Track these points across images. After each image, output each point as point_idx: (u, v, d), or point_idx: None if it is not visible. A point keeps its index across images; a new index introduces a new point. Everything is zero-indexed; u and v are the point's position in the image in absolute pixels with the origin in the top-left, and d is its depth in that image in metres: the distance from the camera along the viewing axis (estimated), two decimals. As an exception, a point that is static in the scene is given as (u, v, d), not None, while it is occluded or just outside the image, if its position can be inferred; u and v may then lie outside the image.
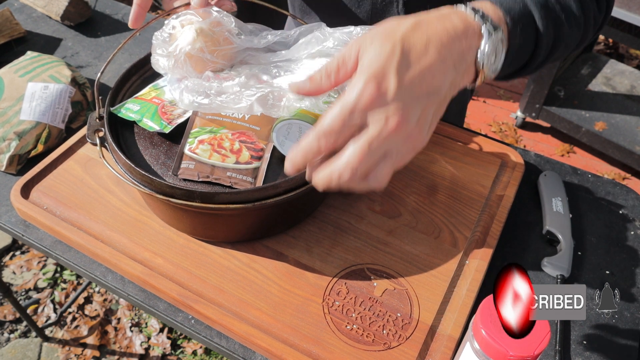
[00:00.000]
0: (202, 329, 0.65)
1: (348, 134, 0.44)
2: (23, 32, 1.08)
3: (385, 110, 0.43)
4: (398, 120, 0.43)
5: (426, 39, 0.45)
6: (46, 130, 0.84)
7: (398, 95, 0.43)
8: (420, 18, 0.47)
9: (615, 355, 0.65)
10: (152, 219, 0.72)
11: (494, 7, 0.51)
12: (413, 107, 0.44)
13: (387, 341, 0.62)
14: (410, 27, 0.46)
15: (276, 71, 0.67)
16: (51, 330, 1.60)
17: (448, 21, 0.47)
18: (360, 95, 0.42)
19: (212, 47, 0.66)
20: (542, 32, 0.54)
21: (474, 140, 0.85)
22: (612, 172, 2.13)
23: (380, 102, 0.43)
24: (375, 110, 0.43)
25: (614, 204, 0.81)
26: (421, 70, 0.44)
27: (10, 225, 0.75)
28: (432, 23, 0.47)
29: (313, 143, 0.44)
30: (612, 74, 2.26)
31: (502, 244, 0.74)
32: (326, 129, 0.43)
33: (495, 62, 0.50)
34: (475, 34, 0.48)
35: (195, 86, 0.64)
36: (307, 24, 0.70)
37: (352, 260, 0.69)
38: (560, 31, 0.56)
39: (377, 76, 0.43)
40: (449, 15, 0.48)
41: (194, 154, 0.65)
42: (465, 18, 0.48)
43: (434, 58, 0.45)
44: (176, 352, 1.57)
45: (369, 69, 0.43)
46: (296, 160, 0.46)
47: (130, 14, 0.67)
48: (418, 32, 0.45)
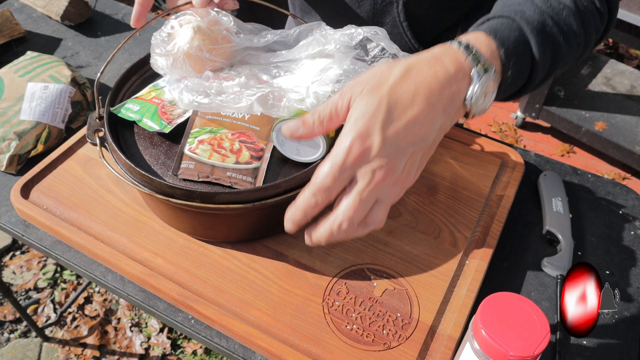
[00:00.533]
0: (202, 329, 0.65)
1: (340, 187, 0.46)
2: (23, 32, 1.08)
3: (372, 165, 0.46)
4: (384, 173, 0.46)
5: (414, 89, 0.47)
6: (46, 130, 0.84)
7: (382, 151, 0.46)
8: (410, 63, 0.48)
9: (615, 355, 0.65)
10: (152, 219, 0.72)
11: (489, 40, 0.51)
12: (399, 159, 0.47)
13: (387, 341, 0.62)
14: (400, 76, 0.47)
15: (276, 71, 0.67)
16: (51, 330, 1.60)
17: (439, 65, 0.48)
18: (348, 153, 0.45)
19: (211, 46, 0.66)
20: (538, 59, 0.54)
21: (474, 140, 0.85)
22: (612, 172, 2.13)
23: (366, 159, 0.46)
24: (362, 166, 0.46)
25: (614, 204, 0.81)
26: (407, 122, 0.46)
27: (10, 225, 0.75)
28: (422, 69, 0.47)
29: (310, 199, 0.47)
30: (612, 74, 2.26)
31: (502, 244, 0.74)
32: (319, 186, 0.46)
33: (484, 102, 0.51)
34: (466, 76, 0.49)
35: (195, 86, 0.64)
36: (307, 23, 0.70)
37: (352, 260, 0.69)
38: (558, 53, 0.56)
39: (362, 135, 0.45)
40: (440, 58, 0.49)
41: (194, 154, 0.65)
42: (457, 59, 0.49)
43: (421, 108, 0.47)
44: (176, 352, 1.57)
45: (355, 127, 0.45)
46: (296, 218, 0.48)
47: (133, 13, 0.68)
48: (406, 82, 0.47)
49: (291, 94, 0.62)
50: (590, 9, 0.58)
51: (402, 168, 0.48)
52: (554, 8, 0.55)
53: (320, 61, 0.66)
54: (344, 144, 0.45)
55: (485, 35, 0.52)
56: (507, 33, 0.52)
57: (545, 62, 0.55)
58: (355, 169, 0.46)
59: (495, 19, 0.55)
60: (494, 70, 0.50)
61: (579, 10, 0.57)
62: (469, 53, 0.49)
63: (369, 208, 0.48)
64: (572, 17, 0.56)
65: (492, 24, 0.54)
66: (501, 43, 0.51)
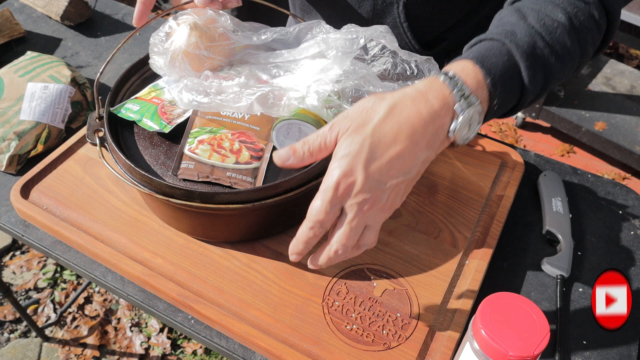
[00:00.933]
0: (202, 329, 0.65)
1: (333, 219, 0.51)
2: (23, 32, 1.08)
3: (357, 199, 0.50)
4: (369, 205, 0.50)
5: (397, 128, 0.49)
6: (46, 130, 0.84)
7: (365, 187, 0.49)
8: (395, 100, 0.50)
9: (615, 355, 0.65)
10: (152, 219, 0.72)
11: (475, 70, 0.52)
12: (382, 192, 0.50)
13: (387, 341, 0.62)
14: (384, 115, 0.49)
15: (276, 71, 0.67)
16: (51, 330, 1.60)
17: (423, 102, 0.50)
18: (335, 190, 0.49)
19: (208, 43, 0.66)
20: (528, 83, 0.55)
21: (474, 140, 0.85)
22: (612, 172, 2.13)
23: (351, 194, 0.49)
24: (348, 200, 0.50)
25: (614, 204, 0.81)
26: (389, 160, 0.49)
27: (10, 225, 0.75)
28: (406, 107, 0.50)
29: (308, 233, 0.51)
30: (612, 74, 2.26)
31: (502, 244, 0.74)
32: (314, 220, 0.50)
33: (468, 132, 0.53)
34: (450, 110, 0.51)
35: (195, 85, 0.64)
36: (306, 22, 0.70)
37: (351, 260, 0.69)
38: (550, 73, 0.57)
39: (347, 173, 0.49)
40: (425, 94, 0.50)
41: (194, 154, 0.65)
42: (442, 94, 0.50)
43: (404, 146, 0.49)
44: (176, 352, 1.57)
45: (340, 165, 0.49)
46: (299, 250, 0.53)
47: (135, 12, 0.68)
48: (390, 121, 0.49)
49: (291, 92, 0.62)
50: (587, 23, 0.58)
51: (387, 198, 0.51)
52: (547, 27, 0.55)
53: (320, 61, 0.66)
54: (331, 181, 0.49)
55: (472, 64, 0.53)
56: (496, 59, 0.53)
57: (536, 84, 0.56)
58: (344, 203, 0.50)
59: (486, 42, 0.56)
60: (478, 102, 0.51)
61: (573, 27, 0.56)
62: (453, 86, 0.51)
63: (360, 234, 0.52)
64: (567, 35, 0.56)
65: (481, 49, 0.55)
66: (488, 72, 0.52)
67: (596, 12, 0.58)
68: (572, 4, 0.57)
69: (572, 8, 0.57)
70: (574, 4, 0.57)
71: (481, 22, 0.80)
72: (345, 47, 0.63)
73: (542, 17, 0.56)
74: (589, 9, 0.57)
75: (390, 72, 0.67)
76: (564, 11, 0.56)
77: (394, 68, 0.67)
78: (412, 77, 0.66)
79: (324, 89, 0.61)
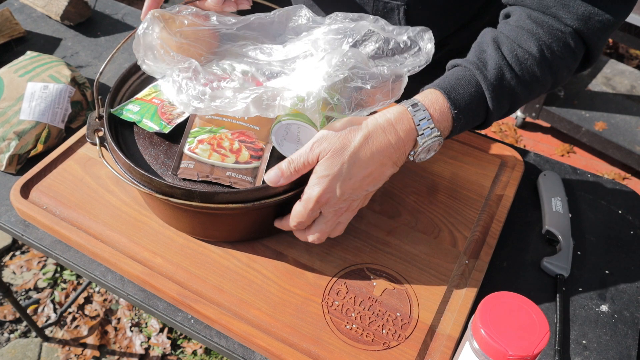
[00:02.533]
0: (202, 329, 0.65)
1: (312, 219, 0.63)
2: (23, 32, 1.08)
3: (334, 207, 0.62)
4: (344, 210, 0.63)
5: (370, 154, 0.59)
6: (46, 130, 0.84)
7: (341, 200, 0.61)
8: (369, 131, 0.59)
9: (615, 355, 0.65)
10: (152, 218, 0.72)
11: (442, 102, 0.60)
12: (355, 201, 0.63)
13: (387, 341, 0.62)
14: (359, 143, 0.59)
15: (268, 72, 0.68)
16: (51, 330, 1.60)
17: (392, 133, 0.59)
18: (316, 201, 0.60)
19: (177, 29, 0.67)
20: (492, 109, 0.62)
21: (474, 140, 0.85)
22: (612, 172, 2.13)
23: (330, 204, 0.61)
24: (326, 208, 0.62)
25: (614, 204, 0.81)
26: (362, 178, 0.60)
27: (10, 225, 0.75)
28: (378, 136, 0.59)
29: (291, 224, 0.64)
30: (612, 74, 2.26)
31: (501, 243, 0.74)
32: (297, 219, 0.63)
33: (426, 155, 0.63)
34: (413, 140, 0.60)
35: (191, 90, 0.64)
36: (286, 7, 0.70)
37: (351, 260, 0.69)
38: (515, 100, 0.63)
39: (327, 190, 0.59)
40: (394, 125, 0.60)
41: (194, 154, 0.65)
42: (408, 126, 0.60)
43: (375, 167, 0.60)
44: (176, 352, 1.57)
45: (321, 182, 0.59)
46: (282, 227, 0.67)
47: (145, 6, 0.69)
48: (364, 149, 0.59)
49: (284, 92, 0.62)
50: (562, 52, 0.62)
51: (357, 205, 0.64)
52: (518, 58, 0.61)
53: (310, 60, 0.66)
54: (313, 194, 0.60)
55: (441, 95, 0.61)
56: (463, 90, 0.61)
57: (501, 110, 0.63)
58: (322, 209, 0.62)
59: (459, 69, 0.63)
60: (439, 133, 0.60)
61: (544, 58, 0.61)
62: (419, 120, 0.60)
63: (333, 228, 0.65)
64: (536, 65, 0.61)
65: (452, 78, 0.62)
66: (454, 104, 0.60)
67: (572, 41, 0.62)
68: (549, 32, 0.61)
69: (547, 37, 0.61)
70: (551, 33, 0.61)
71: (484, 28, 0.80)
72: (334, 46, 0.64)
73: (515, 47, 0.61)
74: (564, 37, 0.61)
75: (384, 49, 0.68)
76: (537, 41, 0.61)
77: (386, 44, 0.67)
78: (407, 50, 0.67)
79: (316, 85, 0.61)
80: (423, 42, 0.66)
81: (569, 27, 0.61)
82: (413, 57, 0.66)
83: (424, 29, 0.67)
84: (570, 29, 0.61)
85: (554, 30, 0.61)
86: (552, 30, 0.61)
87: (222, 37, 0.72)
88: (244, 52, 0.70)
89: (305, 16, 0.70)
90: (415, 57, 0.66)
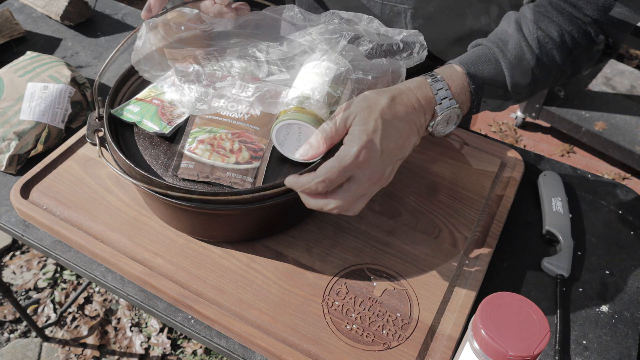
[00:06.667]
0: (202, 329, 0.65)
1: (339, 183, 0.56)
2: (23, 32, 1.08)
3: (370, 170, 0.56)
4: (377, 178, 0.57)
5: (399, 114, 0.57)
6: (46, 130, 0.84)
7: (381, 159, 0.56)
8: (394, 93, 0.58)
9: (615, 355, 0.65)
10: (152, 219, 0.72)
11: (462, 75, 0.60)
12: (389, 167, 0.58)
13: (387, 341, 0.62)
14: (388, 102, 0.57)
15: (268, 69, 0.68)
16: (51, 330, 1.60)
17: (413, 97, 0.58)
18: (355, 159, 0.54)
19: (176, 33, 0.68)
20: (511, 88, 0.62)
21: (474, 140, 0.85)
22: (612, 172, 2.13)
23: (368, 164, 0.55)
24: (363, 169, 0.55)
25: (614, 204, 0.81)
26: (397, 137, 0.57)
27: (10, 225, 0.75)
28: (402, 99, 0.58)
29: (312, 186, 0.56)
30: (612, 74, 2.26)
31: (501, 243, 0.74)
32: (324, 177, 0.55)
33: (446, 129, 0.62)
34: (431, 109, 0.59)
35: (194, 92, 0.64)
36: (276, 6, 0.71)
37: (351, 260, 0.69)
38: (534, 82, 0.63)
39: (367, 146, 0.55)
40: (414, 91, 0.59)
41: (194, 154, 0.65)
42: (428, 93, 0.59)
43: (406, 128, 0.58)
44: (176, 352, 1.57)
45: (360, 138, 0.55)
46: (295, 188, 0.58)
47: (146, 4, 0.69)
48: (393, 108, 0.57)
49: (289, 91, 0.62)
50: (581, 40, 0.62)
51: (388, 174, 0.58)
52: (539, 40, 0.61)
53: (310, 56, 0.66)
54: (352, 150, 0.54)
55: (461, 69, 0.61)
56: (482, 66, 0.61)
57: (519, 91, 0.63)
58: (355, 172, 0.55)
59: (480, 47, 0.63)
60: (457, 105, 0.60)
61: (564, 43, 0.62)
62: (437, 90, 0.59)
63: (357, 201, 0.58)
64: (556, 50, 0.62)
65: (473, 54, 0.62)
66: (472, 79, 0.60)
67: (592, 30, 0.62)
68: (570, 20, 0.62)
69: (567, 24, 0.62)
70: (571, 21, 0.62)
71: None
72: (331, 44, 0.65)
73: (536, 30, 0.62)
74: (584, 26, 0.62)
75: (377, 50, 0.68)
76: (558, 28, 0.62)
77: (379, 46, 0.68)
78: (400, 52, 0.68)
79: (318, 81, 0.62)
80: (415, 48, 0.67)
81: (588, 17, 0.62)
82: (405, 59, 0.67)
83: (417, 32, 0.68)
84: (589, 18, 0.62)
85: (573, 19, 0.62)
86: (572, 18, 0.62)
87: (218, 36, 0.72)
88: (241, 51, 0.70)
89: (298, 15, 0.70)
90: (408, 59, 0.67)
